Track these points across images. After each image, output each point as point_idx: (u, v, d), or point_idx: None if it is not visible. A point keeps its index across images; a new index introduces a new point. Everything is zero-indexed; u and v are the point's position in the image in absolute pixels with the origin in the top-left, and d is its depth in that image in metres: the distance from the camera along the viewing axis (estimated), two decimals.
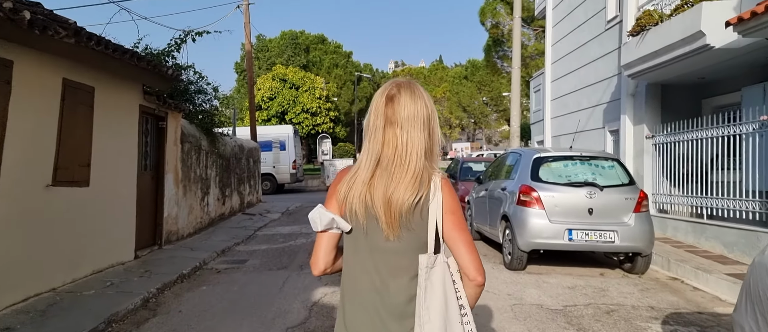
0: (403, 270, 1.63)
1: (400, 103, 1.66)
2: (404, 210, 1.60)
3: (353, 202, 1.64)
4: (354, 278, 1.69)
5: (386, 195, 1.61)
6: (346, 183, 1.67)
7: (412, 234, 1.62)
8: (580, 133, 12.86)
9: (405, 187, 1.60)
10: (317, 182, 27.22)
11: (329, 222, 1.68)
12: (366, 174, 1.64)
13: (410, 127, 1.64)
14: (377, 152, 1.65)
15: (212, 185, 11.61)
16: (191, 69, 11.24)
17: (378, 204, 1.61)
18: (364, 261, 1.66)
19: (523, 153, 7.67)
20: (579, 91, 12.95)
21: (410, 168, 1.62)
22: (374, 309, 1.64)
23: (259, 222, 12.72)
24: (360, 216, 1.63)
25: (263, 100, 34.07)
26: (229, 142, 13.19)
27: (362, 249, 1.67)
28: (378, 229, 1.63)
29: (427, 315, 1.57)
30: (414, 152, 1.63)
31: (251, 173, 15.75)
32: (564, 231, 6.77)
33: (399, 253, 1.63)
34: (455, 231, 1.64)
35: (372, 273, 1.65)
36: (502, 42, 32.19)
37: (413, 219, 1.62)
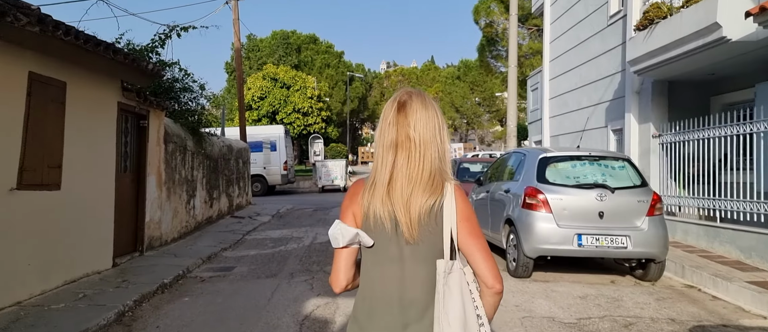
0: (421, 278, 1.65)
1: (412, 109, 1.68)
2: (423, 212, 1.62)
3: (376, 207, 1.65)
4: (372, 287, 1.70)
5: (405, 198, 1.63)
6: (367, 190, 1.68)
7: (430, 239, 1.64)
8: (581, 133, 12.45)
9: (422, 190, 1.63)
10: (309, 183, 26.70)
11: (352, 237, 1.67)
12: (384, 177, 1.65)
13: (422, 129, 1.66)
14: (392, 156, 1.66)
15: (199, 187, 11.09)
16: (176, 66, 10.74)
17: (398, 208, 1.63)
18: (383, 270, 1.67)
19: (528, 153, 7.23)
20: (579, 89, 12.55)
21: (425, 172, 1.63)
22: (394, 317, 1.65)
23: (248, 225, 12.21)
24: (384, 221, 1.64)
25: (254, 99, 33.42)
26: (217, 143, 12.66)
27: (381, 259, 1.67)
28: (398, 235, 1.64)
29: (446, 319, 1.58)
30: (428, 156, 1.65)
31: (240, 174, 15.23)
32: (573, 237, 6.33)
33: (418, 260, 1.64)
34: (471, 238, 1.65)
35: (391, 281, 1.66)
36: (496, 41, 31.84)
37: (430, 224, 1.63)
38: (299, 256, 8.55)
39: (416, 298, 1.64)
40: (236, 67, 16.30)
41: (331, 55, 53.06)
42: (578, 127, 12.65)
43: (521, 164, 7.27)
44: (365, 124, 69.75)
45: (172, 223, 9.43)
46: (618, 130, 10.67)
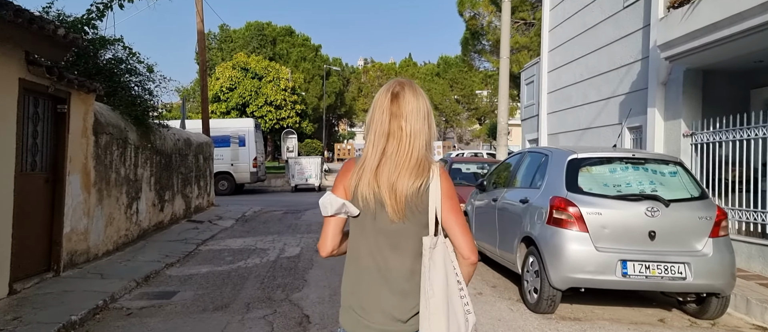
0: (405, 250, 1.80)
1: (404, 98, 1.82)
2: (409, 194, 1.76)
3: (363, 189, 1.79)
4: (359, 258, 1.84)
5: (391, 182, 1.77)
6: (356, 172, 1.82)
7: (415, 217, 1.78)
8: (587, 130, 11.04)
9: (409, 174, 1.77)
10: (281, 182, 24.92)
11: (340, 207, 1.80)
12: (373, 163, 1.79)
13: (413, 121, 1.80)
14: (383, 143, 1.80)
15: (145, 188, 9.33)
16: (119, 43, 9.00)
17: (384, 190, 1.77)
18: (370, 242, 1.82)
19: (552, 153, 5.70)
20: (586, 82, 11.13)
21: (413, 158, 1.78)
22: (379, 286, 1.80)
23: (206, 232, 10.49)
24: (369, 201, 1.78)
25: (222, 90, 31.27)
26: (171, 136, 10.90)
27: (368, 231, 1.82)
28: (384, 213, 1.78)
29: (432, 289, 1.74)
30: (417, 143, 1.79)
31: (201, 172, 13.46)
32: (616, 264, 4.83)
33: (402, 235, 1.79)
34: (451, 214, 1.81)
35: (376, 253, 1.81)
36: (481, 35, 30.43)
37: (416, 204, 1.77)
38: (261, 277, 6.91)
39: (398, 267, 1.80)
40: (199, 52, 14.50)
41: (308, 48, 51.23)
42: (583, 123, 11.24)
43: (542, 167, 5.75)
44: (342, 119, 67.98)
45: (105, 233, 7.69)
46: (636, 127, 9.26)
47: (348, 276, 1.88)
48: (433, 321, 1.73)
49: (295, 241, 9.53)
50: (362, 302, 1.82)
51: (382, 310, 1.79)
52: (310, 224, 11.80)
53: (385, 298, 1.79)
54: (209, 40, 50.08)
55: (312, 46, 52.14)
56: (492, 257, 6.83)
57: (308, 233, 10.49)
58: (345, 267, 1.89)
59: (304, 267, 7.49)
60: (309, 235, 10.17)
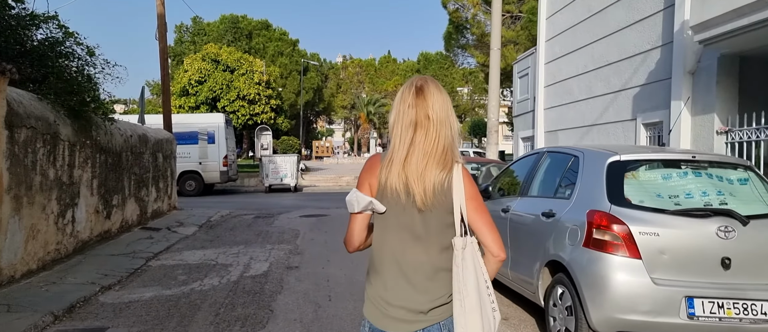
0: (429, 246, 1.83)
1: (429, 91, 1.86)
2: (436, 183, 1.79)
3: (392, 181, 1.81)
4: (384, 252, 1.87)
5: (419, 171, 1.80)
6: (385, 166, 1.84)
7: (439, 210, 1.81)
8: (593, 127, 9.92)
9: (435, 163, 1.80)
10: (255, 181, 23.45)
11: (367, 204, 1.83)
12: (402, 154, 1.81)
13: (439, 111, 1.83)
14: (410, 134, 1.82)
15: (84, 192, 7.90)
16: (53, 21, 7.58)
17: (413, 181, 1.79)
18: (395, 237, 1.85)
19: (584, 154, 4.47)
20: (591, 73, 9.99)
21: (440, 145, 1.81)
22: (402, 280, 1.83)
23: (161, 242, 9.09)
24: (400, 192, 1.81)
25: (191, 83, 29.44)
26: (120, 131, 9.46)
27: (394, 226, 1.85)
28: (411, 206, 1.81)
29: (466, 289, 1.78)
30: (443, 131, 1.82)
31: (161, 172, 12.01)
32: (681, 301, 3.64)
33: (426, 230, 1.82)
34: (478, 215, 1.84)
35: (401, 248, 1.84)
36: (465, 28, 29.28)
37: (440, 196, 1.80)
38: (217, 305, 5.58)
39: (421, 263, 1.83)
40: (159, 38, 13.00)
41: (285, 42, 49.67)
42: (588, 119, 10.11)
43: (571, 172, 4.53)
44: (320, 116, 66.40)
45: (26, 249, 6.27)
46: (654, 123, 8.14)
47: (372, 269, 1.94)
48: (469, 319, 1.78)
49: (264, 254, 8.20)
50: (385, 295, 1.86)
51: (404, 303, 1.83)
52: (283, 232, 10.46)
53: (407, 292, 1.83)
54: (181, 33, 48.17)
55: (289, 40, 50.56)
56: (500, 279, 5.60)
57: (279, 243, 9.15)
58: (369, 260, 1.96)
59: (272, 290, 6.17)
60: (280, 246, 8.84)
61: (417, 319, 1.81)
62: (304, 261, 7.71)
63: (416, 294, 1.81)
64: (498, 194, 5.91)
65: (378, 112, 61.24)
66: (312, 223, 11.59)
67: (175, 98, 29.06)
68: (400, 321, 1.82)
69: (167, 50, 13.19)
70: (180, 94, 28.94)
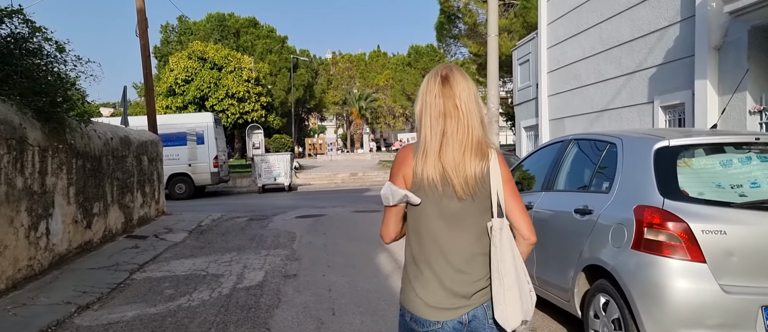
0: (468, 231, 1.85)
1: (454, 79, 1.85)
2: (476, 173, 1.82)
3: (429, 172, 1.81)
4: (422, 241, 1.88)
5: (456, 162, 1.80)
6: (419, 158, 1.84)
7: (478, 198, 1.83)
8: (603, 113, 9.35)
9: (472, 154, 1.82)
10: (247, 182, 22.78)
11: (402, 197, 1.84)
12: (435, 145, 1.81)
13: (466, 99, 1.83)
14: (441, 124, 1.82)
15: (60, 201, 7.25)
16: (18, 15, 6.94)
17: (450, 170, 1.80)
18: (432, 225, 1.85)
19: (623, 140, 3.87)
20: (601, 55, 9.42)
21: (473, 136, 1.82)
22: (442, 266, 1.85)
23: (147, 251, 8.46)
24: (436, 183, 1.81)
25: (177, 82, 28.55)
26: (99, 134, 8.80)
27: (431, 214, 1.85)
28: (449, 194, 1.82)
29: (505, 267, 1.81)
30: (473, 121, 1.82)
31: (147, 176, 11.35)
32: (757, 312, 3.06)
33: (465, 216, 1.84)
34: (512, 199, 1.88)
35: (439, 235, 1.85)
36: (457, 18, 28.66)
37: (480, 184, 1.83)
38: (207, 325, 4.96)
39: (464, 248, 1.85)
40: (140, 34, 12.29)
41: (274, 39, 48.85)
42: (598, 105, 9.54)
43: (609, 162, 3.94)
44: (312, 113, 65.66)
45: None
46: (674, 105, 7.57)
47: (412, 259, 1.92)
48: (508, 296, 1.81)
49: (259, 261, 7.58)
50: (426, 282, 1.86)
51: (446, 289, 1.84)
52: (278, 235, 9.84)
53: (448, 278, 1.84)
54: (167, 33, 47.26)
55: (278, 37, 49.74)
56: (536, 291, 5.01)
57: (275, 248, 8.53)
58: (406, 250, 1.95)
59: (269, 304, 5.56)
60: (276, 252, 8.22)
61: (461, 305, 1.84)
62: (302, 267, 7.10)
63: (459, 280, 1.84)
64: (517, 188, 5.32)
65: (370, 107, 60.57)
66: (309, 225, 10.97)
67: (161, 98, 28.22)
68: (445, 309, 1.84)
69: (149, 47, 12.50)
70: (167, 94, 28.07)
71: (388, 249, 8.13)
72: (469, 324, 1.85)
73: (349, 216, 12.07)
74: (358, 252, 7.95)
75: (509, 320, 1.83)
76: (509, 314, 1.82)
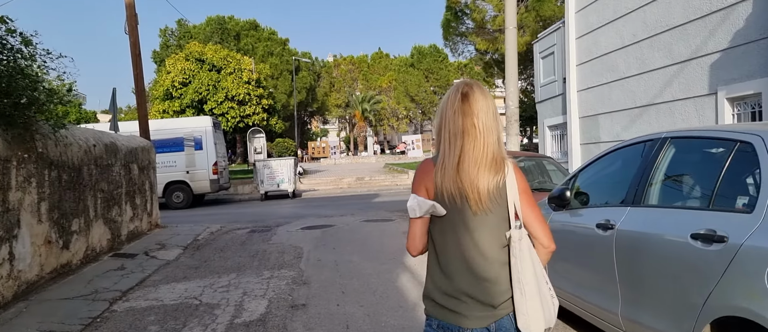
0: (488, 242, 1.87)
1: (474, 97, 1.90)
2: (490, 189, 1.86)
3: (448, 186, 1.86)
4: (446, 252, 1.91)
5: (472, 178, 1.85)
6: (439, 171, 1.89)
7: (496, 210, 1.88)
8: (649, 107, 8.25)
9: (487, 170, 1.86)
10: (249, 188, 21.72)
11: (428, 208, 1.87)
12: (454, 160, 1.87)
13: (484, 117, 1.88)
14: (459, 144, 1.87)
15: (28, 220, 6.19)
16: None
17: (467, 186, 1.85)
18: (455, 236, 1.88)
19: (765, 137, 2.80)
20: (645, 43, 8.34)
21: (489, 153, 1.86)
22: (467, 277, 1.87)
23: (133, 274, 7.41)
24: (455, 197, 1.86)
25: (174, 85, 27.41)
26: (78, 141, 7.74)
27: (454, 226, 1.88)
28: (468, 208, 1.86)
29: (525, 277, 1.85)
30: (490, 139, 1.87)
31: (137, 186, 10.29)
32: None
33: (486, 228, 1.87)
34: (529, 208, 1.93)
35: (462, 246, 1.88)
36: (465, 14, 27.60)
37: (496, 197, 1.87)
38: None
39: (487, 258, 1.87)
40: (129, 31, 11.24)
41: (275, 42, 47.88)
42: (641, 99, 8.46)
43: (742, 165, 2.86)
44: (315, 116, 64.64)
45: None
46: (744, 96, 6.48)
47: (436, 269, 1.94)
48: (529, 305, 1.84)
49: (261, 286, 6.51)
50: (453, 292, 1.88)
51: (472, 298, 1.86)
52: (283, 250, 8.77)
53: (474, 287, 1.86)
54: (166, 37, 46.32)
55: (279, 39, 48.76)
56: (595, 322, 3.93)
57: (279, 268, 7.46)
58: (429, 259, 1.98)
59: None
60: (281, 273, 7.15)
61: (488, 314, 1.86)
62: (312, 294, 6.02)
63: (484, 290, 1.86)
64: (578, 202, 4.24)
65: (373, 109, 59.53)
66: (316, 238, 9.90)
67: (157, 102, 27.13)
68: (472, 317, 1.86)
69: (139, 45, 11.45)
70: (163, 97, 26.95)
71: (409, 269, 7.05)
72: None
73: (360, 227, 10.99)
74: (376, 274, 6.88)
75: (532, 329, 1.85)
76: (532, 323, 1.85)
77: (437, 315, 1.91)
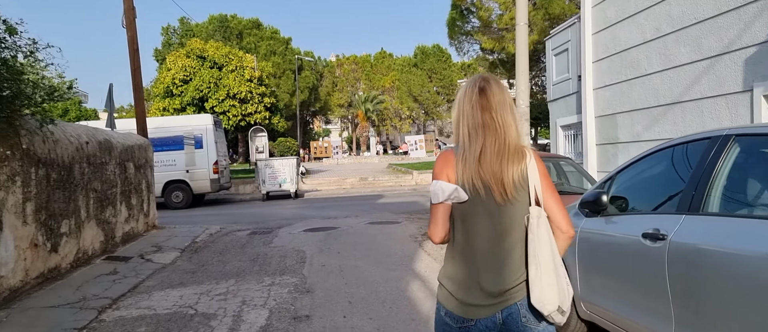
0: (511, 230, 1.90)
1: (491, 91, 1.94)
2: (515, 179, 1.89)
3: (470, 177, 1.88)
4: (468, 241, 1.92)
5: (494, 170, 1.88)
6: (460, 162, 1.91)
7: (519, 197, 1.90)
8: (673, 106, 7.79)
9: (510, 162, 1.89)
10: (251, 188, 21.28)
11: (452, 192, 1.88)
12: (476, 152, 1.89)
13: (502, 111, 1.92)
14: (480, 136, 1.91)
15: (10, 221, 5.75)
16: None
17: (489, 178, 1.88)
18: (477, 225, 1.90)
19: None
20: (670, 36, 7.87)
21: (510, 145, 1.90)
22: (487, 265, 1.90)
23: (127, 279, 6.97)
24: (479, 187, 1.88)
25: (175, 83, 26.91)
26: (69, 137, 7.31)
27: (475, 215, 1.90)
28: (491, 197, 1.88)
29: (541, 252, 1.86)
30: (510, 132, 1.92)
31: (133, 186, 9.86)
32: None
33: (508, 216, 1.89)
34: (549, 192, 1.95)
35: (484, 234, 1.90)
36: (471, 12, 27.12)
37: (519, 186, 1.90)
38: None
39: (507, 245, 1.89)
40: (127, 25, 10.79)
41: (278, 41, 47.50)
42: (666, 97, 7.99)
43: None
44: (317, 116, 64.21)
45: None
46: None
47: (454, 258, 1.97)
48: (544, 280, 1.85)
49: (261, 294, 6.06)
50: (463, 281, 1.92)
51: (482, 288, 1.89)
52: (285, 254, 8.32)
53: (486, 276, 1.89)
54: (168, 35, 45.96)
55: (282, 38, 48.37)
56: None
57: (281, 274, 7.01)
58: (449, 251, 2.00)
59: None
60: (282, 279, 6.70)
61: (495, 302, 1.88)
62: (315, 304, 5.57)
63: (496, 279, 1.88)
64: (618, 208, 3.77)
65: (376, 109, 59.08)
66: (320, 241, 9.44)
67: (158, 100, 26.67)
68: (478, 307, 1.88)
69: (137, 39, 11.01)
70: (164, 95, 26.49)
71: (420, 276, 6.59)
72: (503, 322, 1.89)
73: (365, 230, 10.53)
74: (384, 281, 6.42)
75: (546, 302, 1.84)
76: (546, 296, 1.84)
77: (445, 303, 1.96)
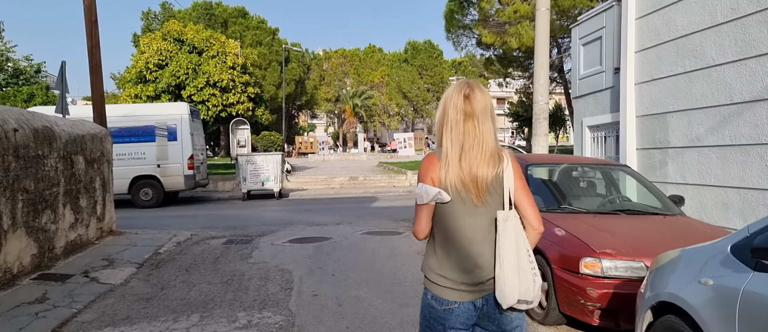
0: (486, 229, 2.12)
1: (475, 98, 2.12)
2: (489, 181, 2.10)
3: (452, 179, 2.09)
4: (447, 237, 2.14)
5: (473, 172, 2.09)
6: (443, 165, 2.11)
7: (494, 199, 2.12)
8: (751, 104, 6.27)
9: (486, 165, 2.10)
10: (231, 185, 19.49)
11: (435, 194, 2.08)
12: (456, 156, 2.10)
13: (483, 118, 2.11)
14: (460, 141, 2.11)
15: None
16: None
17: (467, 180, 2.08)
18: (456, 223, 2.12)
19: None
20: (750, 18, 6.38)
21: (487, 150, 2.10)
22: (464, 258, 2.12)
23: (57, 309, 5.29)
24: (459, 188, 2.09)
25: (148, 68, 24.77)
26: None
27: (456, 213, 2.11)
28: (469, 198, 2.10)
29: (505, 252, 2.07)
30: (488, 137, 2.11)
31: (84, 184, 8.11)
32: None
33: (484, 214, 2.12)
34: (522, 193, 2.17)
35: (463, 231, 2.12)
36: (470, 4, 25.58)
37: (494, 187, 2.12)
38: None
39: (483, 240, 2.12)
40: None
41: (264, 31, 45.57)
42: (740, 93, 6.49)
43: None
44: (303, 110, 62.27)
45: None
46: None
47: (436, 252, 2.18)
48: (507, 276, 2.06)
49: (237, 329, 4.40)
50: (447, 270, 2.13)
51: (464, 276, 2.11)
52: (266, 276, 6.67)
53: (467, 267, 2.11)
54: (149, 20, 43.80)
55: (268, 29, 46.43)
56: None
57: (261, 307, 5.35)
58: (429, 241, 2.23)
59: None
60: (263, 315, 5.04)
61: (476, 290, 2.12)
62: None
63: (476, 270, 2.10)
64: None
65: (364, 104, 57.34)
66: (309, 256, 7.79)
67: (129, 86, 24.59)
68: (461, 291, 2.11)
69: (94, 9, 9.23)
70: (136, 80, 24.38)
71: None
72: (483, 307, 2.13)
73: (363, 243, 8.89)
74: (398, 324, 4.81)
75: (506, 297, 2.06)
76: (506, 292, 2.06)
77: (432, 289, 2.18)
